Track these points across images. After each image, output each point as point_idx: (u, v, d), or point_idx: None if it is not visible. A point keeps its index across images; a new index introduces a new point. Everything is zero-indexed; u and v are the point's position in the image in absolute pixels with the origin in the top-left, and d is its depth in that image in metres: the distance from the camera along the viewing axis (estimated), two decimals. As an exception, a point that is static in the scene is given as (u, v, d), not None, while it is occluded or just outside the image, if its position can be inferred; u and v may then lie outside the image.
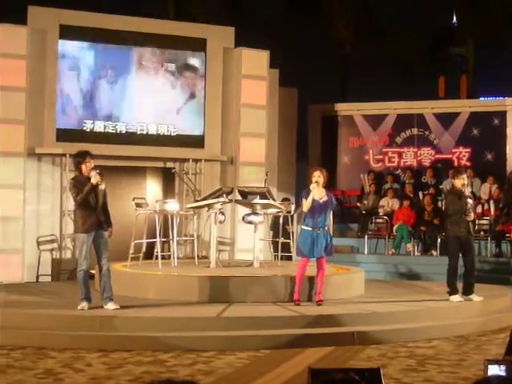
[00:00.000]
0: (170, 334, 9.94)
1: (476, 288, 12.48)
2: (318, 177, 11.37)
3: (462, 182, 12.27)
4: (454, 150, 20.03)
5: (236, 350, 9.62)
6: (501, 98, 21.22)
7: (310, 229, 11.36)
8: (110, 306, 10.69)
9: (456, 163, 19.75)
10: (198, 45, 17.53)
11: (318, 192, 11.35)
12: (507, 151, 19.29)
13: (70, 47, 16.40)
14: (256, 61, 17.80)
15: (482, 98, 24.03)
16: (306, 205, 11.30)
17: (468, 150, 19.85)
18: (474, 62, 28.62)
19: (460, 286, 12.40)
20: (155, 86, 17.17)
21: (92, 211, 10.63)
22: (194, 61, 17.59)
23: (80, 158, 10.76)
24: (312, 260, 11.58)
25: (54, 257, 16.12)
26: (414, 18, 25.93)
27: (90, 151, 10.91)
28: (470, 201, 12.34)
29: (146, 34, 16.94)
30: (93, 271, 11.59)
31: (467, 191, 12.35)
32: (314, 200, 11.29)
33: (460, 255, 12.34)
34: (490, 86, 25.93)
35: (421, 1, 25.91)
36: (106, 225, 10.79)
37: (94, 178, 10.56)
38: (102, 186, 10.72)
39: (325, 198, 11.41)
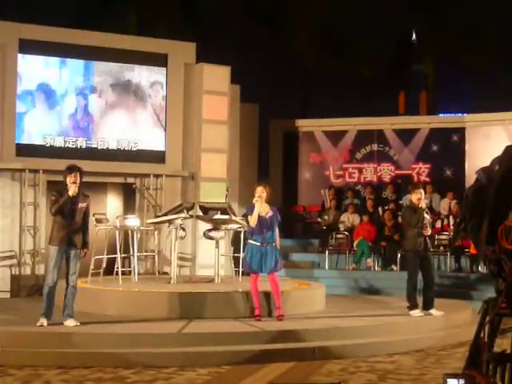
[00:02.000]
0: (130, 351, 9.86)
1: (436, 303, 12.57)
2: (262, 192, 11.41)
3: (418, 196, 12.39)
4: (413, 166, 20.23)
5: (197, 366, 9.58)
6: (460, 114, 21.48)
7: (259, 244, 11.38)
8: (70, 322, 10.59)
9: (416, 179, 19.94)
10: (159, 60, 17.54)
11: (262, 207, 11.37)
12: (466, 167, 19.53)
13: (30, 61, 16.31)
14: (217, 76, 17.83)
15: (441, 115, 24.26)
16: (253, 219, 11.32)
17: (427, 165, 20.06)
18: (433, 78, 28.89)
19: (420, 300, 12.48)
20: (116, 101, 17.13)
21: (65, 225, 10.58)
22: (156, 76, 17.57)
23: (66, 171, 10.75)
24: (262, 275, 11.59)
25: (13, 273, 15.94)
26: (374, 34, 26.14)
27: (80, 167, 10.84)
28: (426, 216, 12.45)
29: (107, 48, 16.90)
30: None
31: (423, 205, 12.42)
32: (259, 215, 11.32)
33: (419, 270, 12.45)
34: (449, 103, 26.20)
35: (381, 18, 26.13)
36: (81, 244, 10.73)
37: (71, 190, 10.54)
38: (83, 205, 10.69)
39: (270, 213, 11.44)
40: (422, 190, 12.66)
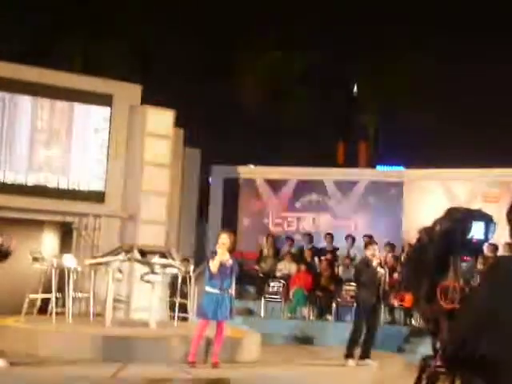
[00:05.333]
0: (61, 394, 9.72)
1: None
2: (225, 239, 11.44)
3: (371, 252, 12.87)
4: (351, 217, 20.42)
5: (129, 411, 9.48)
6: (399, 167, 21.84)
7: (217, 291, 11.35)
8: (-1, 362, 10.39)
9: (353, 230, 20.14)
10: (105, 100, 17.46)
11: (223, 255, 11.37)
12: (403, 220, 19.79)
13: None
14: (161, 119, 17.82)
15: (380, 166, 24.63)
16: (214, 265, 11.28)
17: (365, 217, 20.27)
18: (374, 130, 29.39)
19: (358, 350, 12.64)
20: (59, 139, 16.97)
21: None
22: (100, 116, 17.50)
23: None
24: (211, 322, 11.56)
25: None
26: (319, 84, 26.61)
27: None
28: (381, 270, 12.86)
29: (52, 86, 16.78)
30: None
31: (375, 262, 12.79)
32: (220, 263, 11.31)
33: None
34: (389, 154, 26.62)
35: (323, 69, 26.62)
36: None
37: None
38: None
39: (230, 262, 11.45)
40: (375, 247, 13.07)
